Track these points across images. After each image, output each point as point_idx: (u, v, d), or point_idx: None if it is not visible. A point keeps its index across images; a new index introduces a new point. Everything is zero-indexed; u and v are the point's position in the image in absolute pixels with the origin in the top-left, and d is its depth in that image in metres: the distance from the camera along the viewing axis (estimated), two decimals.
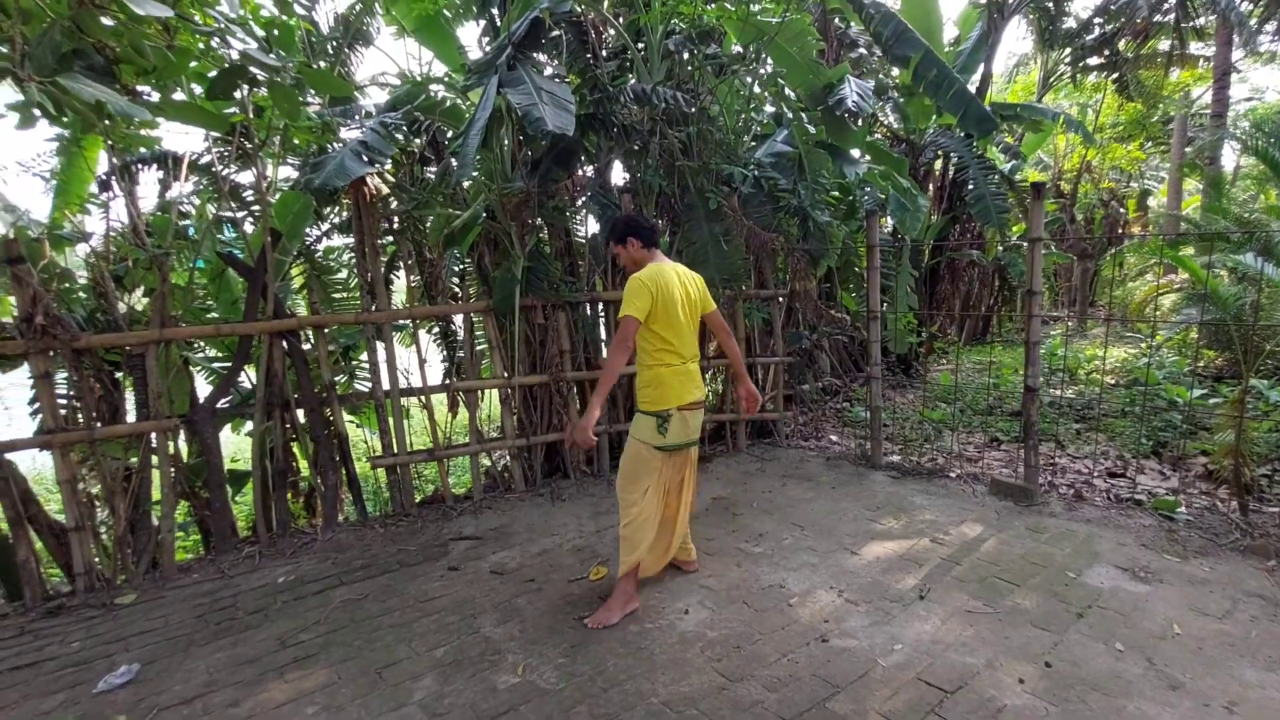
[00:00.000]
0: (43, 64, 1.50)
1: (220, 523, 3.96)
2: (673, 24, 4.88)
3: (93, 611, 3.28)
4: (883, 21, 6.06)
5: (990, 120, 6.08)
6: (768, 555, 3.49)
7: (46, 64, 1.51)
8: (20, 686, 2.64)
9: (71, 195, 4.98)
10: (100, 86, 1.62)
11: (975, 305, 10.74)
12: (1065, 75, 12.08)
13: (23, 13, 1.60)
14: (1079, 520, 3.73)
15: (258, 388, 4.12)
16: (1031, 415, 3.97)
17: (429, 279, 4.99)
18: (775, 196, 5.23)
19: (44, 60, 1.50)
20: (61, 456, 3.47)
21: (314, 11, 5.43)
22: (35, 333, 3.35)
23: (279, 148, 4.43)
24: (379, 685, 2.52)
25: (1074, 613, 2.79)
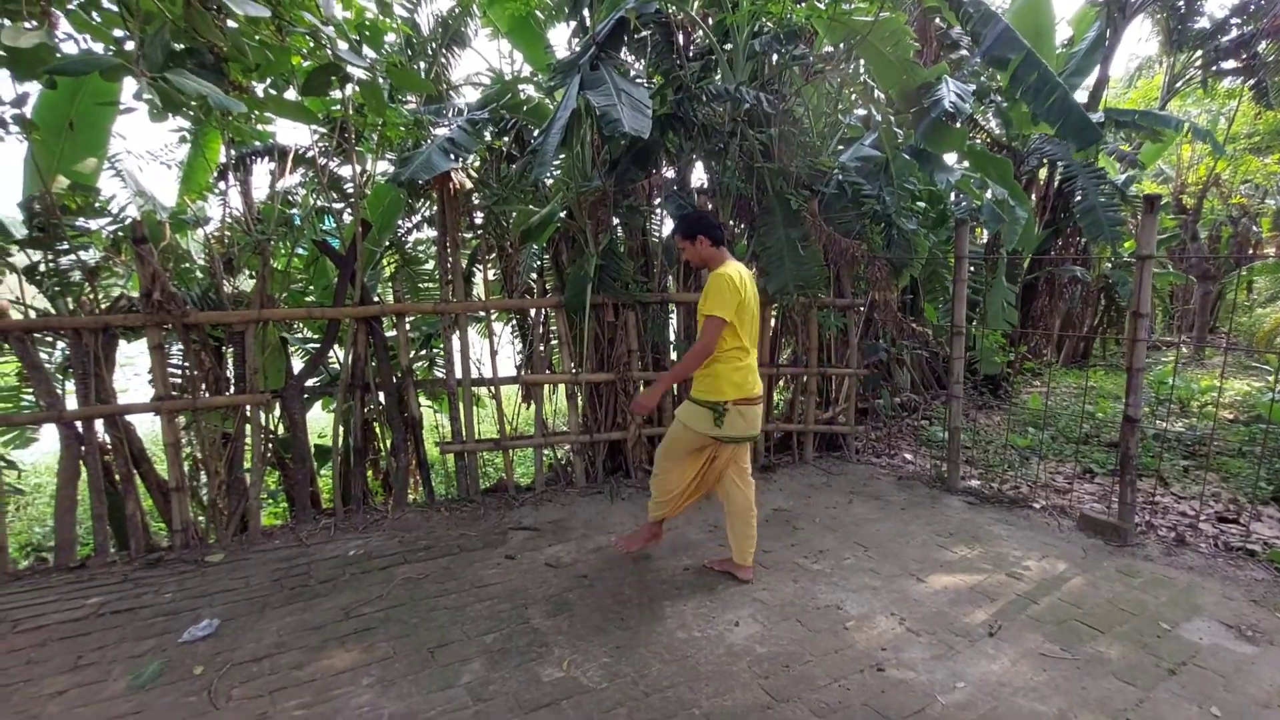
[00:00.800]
0: (154, 61, 1.64)
1: (302, 494, 4.21)
2: (760, 24, 4.80)
3: (185, 566, 3.56)
4: (981, 21, 5.71)
5: (1094, 130, 5.61)
6: (826, 574, 3.37)
7: (157, 61, 1.64)
8: (119, 629, 2.90)
9: (195, 183, 5.45)
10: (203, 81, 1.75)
11: (1076, 325, 10.01)
12: (1194, 80, 11.04)
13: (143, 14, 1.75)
14: (1179, 567, 3.40)
15: (343, 369, 4.35)
16: (1130, 447, 3.65)
17: (506, 273, 5.14)
18: (859, 202, 5.05)
19: (155, 58, 1.64)
20: (168, 421, 3.79)
21: (416, 14, 5.70)
22: (152, 308, 3.67)
23: (376, 143, 4.66)
24: (430, 664, 2.61)
25: (1165, 668, 2.54)
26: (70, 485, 3.64)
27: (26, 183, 4.47)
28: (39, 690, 2.45)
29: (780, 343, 5.48)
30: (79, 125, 4.36)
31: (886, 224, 4.99)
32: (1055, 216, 8.48)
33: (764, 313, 4.99)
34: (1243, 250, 12.11)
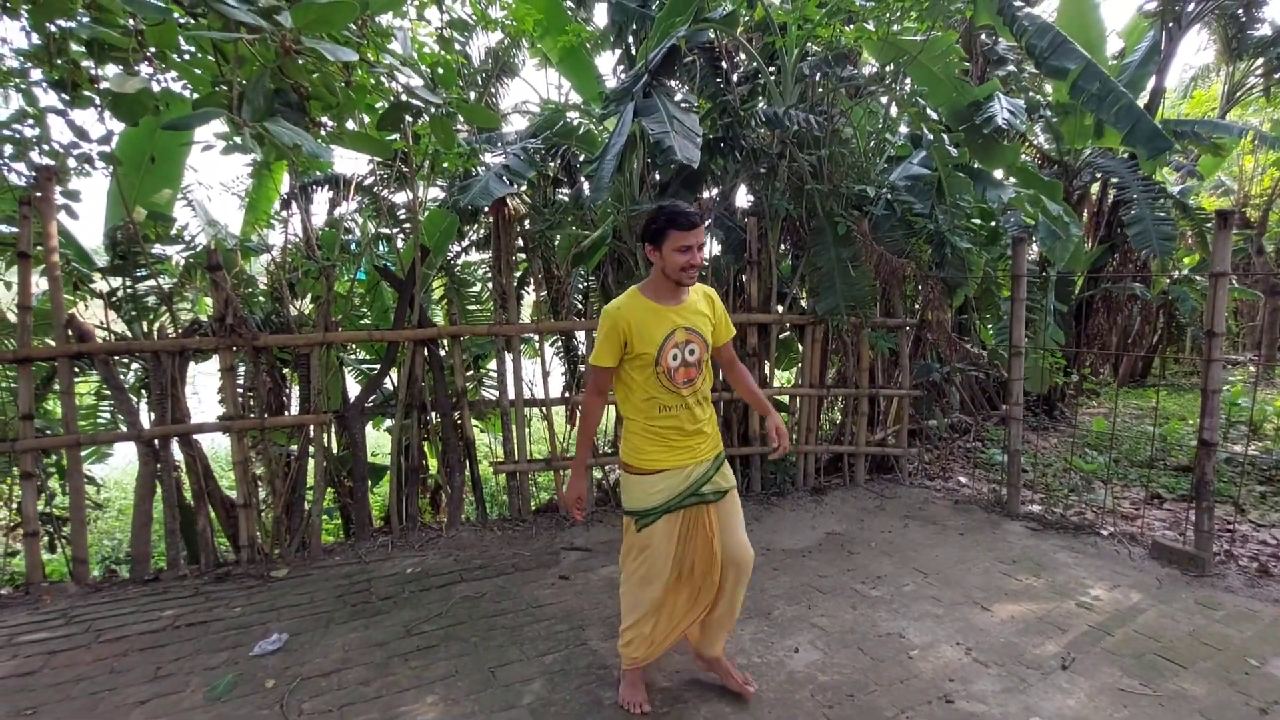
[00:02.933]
0: (257, 109, 1.75)
1: (361, 512, 4.32)
2: (808, 47, 4.83)
3: (252, 581, 3.67)
4: (1037, 33, 5.66)
5: (1163, 139, 5.48)
6: (886, 600, 3.30)
7: (260, 109, 1.75)
8: (193, 641, 3.01)
9: (260, 212, 5.71)
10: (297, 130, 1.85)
11: (1135, 343, 9.66)
12: (1255, 89, 10.66)
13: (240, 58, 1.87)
14: (1264, 599, 3.22)
15: (399, 390, 4.47)
16: (1207, 473, 3.50)
17: (555, 295, 5.22)
18: (909, 221, 5.00)
19: (257, 104, 1.74)
20: (237, 440, 3.94)
21: (468, 46, 5.91)
22: (225, 331, 3.85)
23: (429, 171, 4.83)
24: (492, 683, 2.63)
25: (1255, 708, 2.40)
26: (147, 501, 3.81)
27: (109, 214, 4.75)
28: (123, 699, 2.56)
29: (827, 362, 5.43)
30: (158, 159, 4.63)
31: (939, 243, 4.93)
32: (1110, 232, 8.24)
33: (814, 332, 4.96)
34: None
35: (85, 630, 3.10)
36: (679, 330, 2.23)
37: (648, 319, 2.21)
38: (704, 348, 2.30)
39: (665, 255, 2.18)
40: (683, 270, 2.18)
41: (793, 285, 5.22)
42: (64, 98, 2.81)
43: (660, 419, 2.26)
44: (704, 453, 2.33)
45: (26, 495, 3.57)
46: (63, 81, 2.70)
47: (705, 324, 2.31)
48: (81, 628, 3.13)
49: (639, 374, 2.24)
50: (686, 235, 2.14)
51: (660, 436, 2.27)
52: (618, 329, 2.20)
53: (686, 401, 2.27)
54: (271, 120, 1.87)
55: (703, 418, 2.33)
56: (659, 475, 2.27)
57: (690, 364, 2.26)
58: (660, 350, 2.20)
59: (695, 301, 2.32)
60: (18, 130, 3.23)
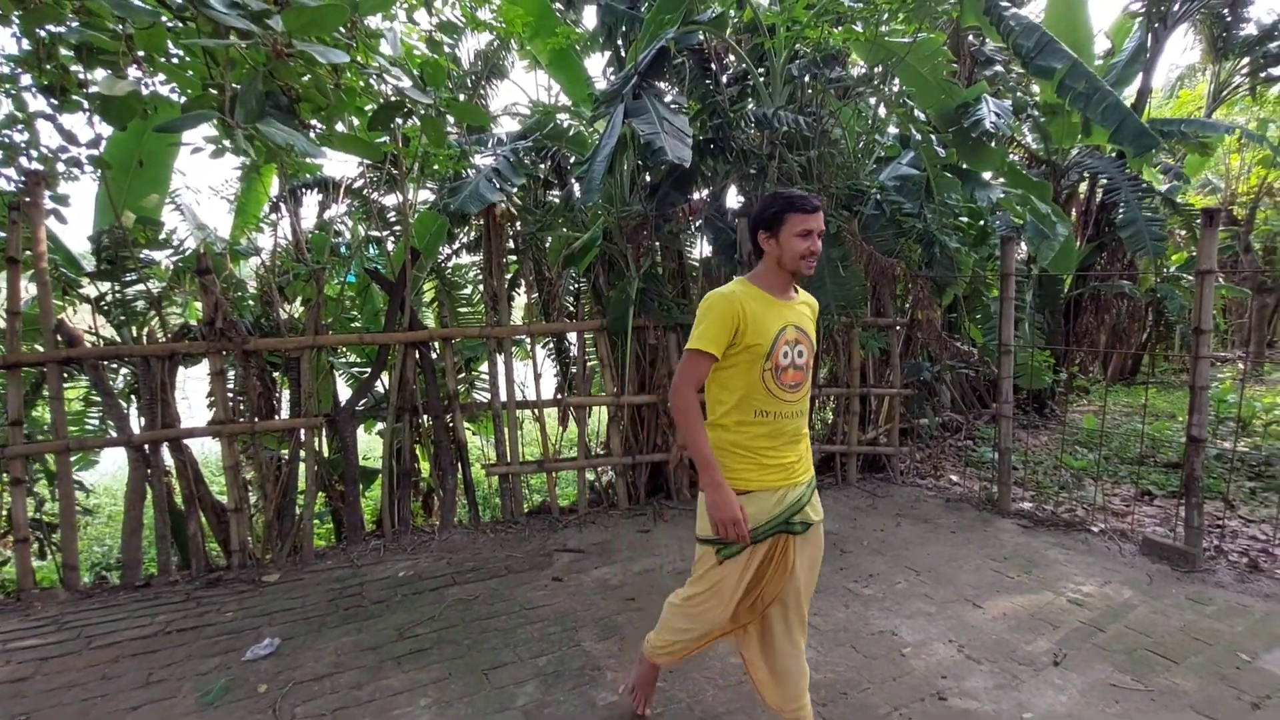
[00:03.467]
0: (249, 111, 1.74)
1: (352, 515, 4.30)
2: (796, 48, 4.85)
3: (244, 586, 3.65)
4: (1024, 33, 5.70)
5: (1150, 136, 5.53)
6: (878, 598, 3.31)
7: (253, 111, 1.74)
8: (185, 647, 2.99)
9: (248, 215, 5.69)
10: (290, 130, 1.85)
11: (1123, 341, 9.73)
12: (1241, 88, 10.78)
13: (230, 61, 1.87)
14: (1255, 594, 3.25)
15: (390, 393, 4.46)
16: (1196, 469, 3.53)
17: (547, 297, 5.22)
18: (898, 221, 5.03)
19: (250, 107, 1.74)
20: (228, 445, 3.92)
21: (457, 49, 5.91)
22: (215, 335, 3.83)
23: (419, 174, 4.82)
24: (485, 686, 2.62)
25: (1247, 702, 2.42)
26: (137, 506, 3.78)
27: (97, 218, 4.73)
28: (116, 705, 2.54)
29: (819, 362, 5.44)
30: (146, 163, 4.61)
31: (928, 242, 4.96)
32: (1099, 231, 8.31)
33: None
34: None
35: (76, 637, 3.08)
36: (790, 328, 1.97)
37: (762, 308, 1.94)
38: (811, 353, 2.04)
39: (783, 242, 1.95)
40: (803, 259, 1.94)
41: None
42: (53, 102, 2.80)
43: (754, 426, 1.96)
44: (799, 474, 2.03)
45: (16, 501, 3.54)
46: (52, 86, 2.69)
47: (812, 330, 2.08)
48: (73, 634, 3.10)
49: (741, 370, 1.95)
50: (808, 218, 1.93)
51: (750, 451, 1.96)
52: (733, 311, 1.91)
53: (790, 409, 1.99)
54: (263, 122, 1.86)
55: (802, 432, 2.05)
56: (746, 498, 1.95)
57: (800, 367, 1.99)
58: (774, 343, 1.93)
59: (801, 304, 2.07)
60: (7, 135, 3.21)
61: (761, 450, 1.97)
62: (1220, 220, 3.48)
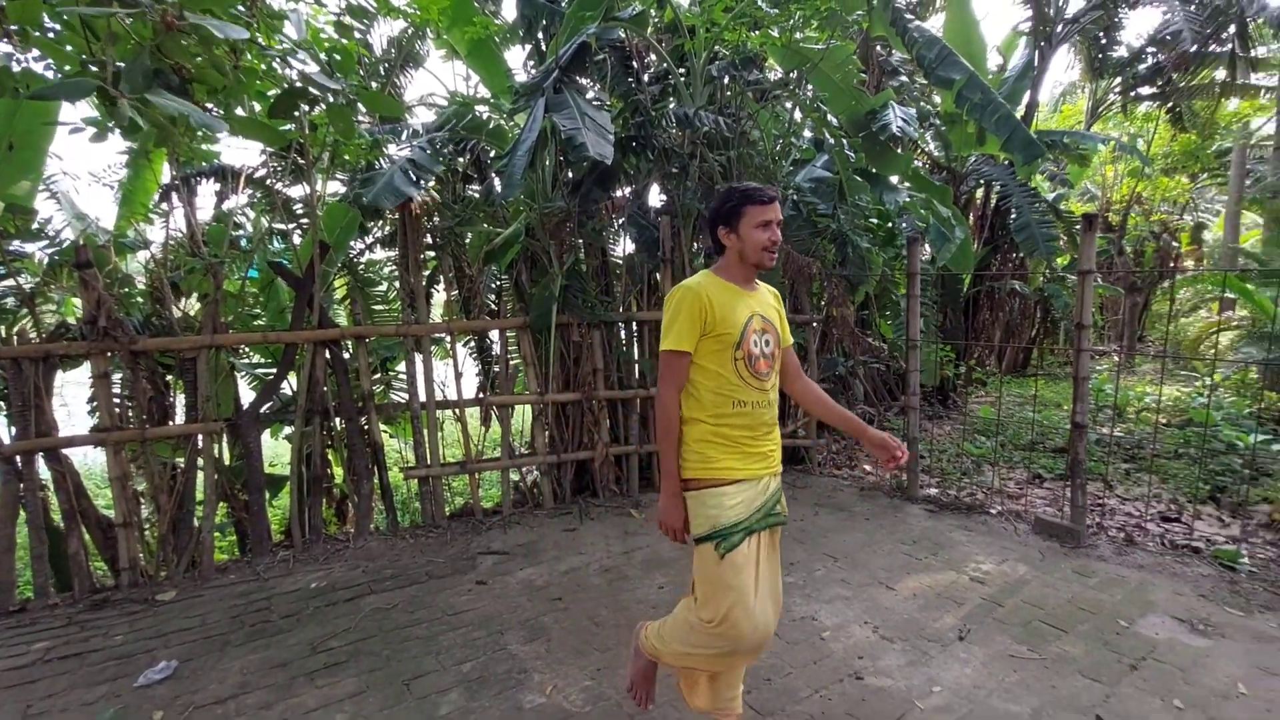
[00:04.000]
0: (135, 84, 1.59)
1: (257, 526, 4.04)
2: (716, 50, 4.94)
3: (135, 606, 3.37)
4: (926, 45, 6.04)
5: (1036, 146, 5.98)
6: (799, 586, 3.42)
7: (139, 84, 1.59)
8: (68, 675, 2.72)
9: (136, 205, 5.24)
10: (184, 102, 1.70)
11: (1016, 336, 10.49)
12: (1115, 105, 11.84)
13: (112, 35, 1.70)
14: (1130, 566, 3.57)
15: (299, 395, 4.22)
16: (1079, 453, 3.84)
17: (467, 294, 5.09)
18: (813, 221, 5.21)
19: (136, 80, 1.59)
20: (114, 454, 3.60)
21: (369, 34, 5.65)
22: (98, 334, 3.50)
23: (328, 163, 4.58)
24: (406, 697, 2.53)
25: (1127, 664, 2.66)
26: (8, 524, 3.41)
27: None
28: None
29: None
30: (16, 146, 4.16)
31: (841, 242, 5.16)
32: (994, 234, 8.92)
33: None
34: (1165, 264, 12.93)
35: None
36: (756, 317, 1.97)
37: (729, 298, 1.95)
38: (777, 342, 2.05)
39: (744, 235, 1.94)
40: (764, 250, 1.94)
41: None
42: None
43: (733, 417, 1.94)
44: (775, 463, 2.03)
45: None
46: None
47: (776, 319, 2.08)
48: None
49: (713, 360, 1.93)
50: (766, 209, 1.93)
51: (731, 441, 1.94)
52: (700, 303, 1.90)
53: (765, 399, 1.98)
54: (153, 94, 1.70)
55: (774, 423, 2.04)
56: (735, 487, 1.92)
57: (769, 356, 1.99)
58: (744, 331, 1.92)
59: (765, 294, 2.10)
60: None
61: (740, 439, 1.95)
62: (1098, 225, 3.80)
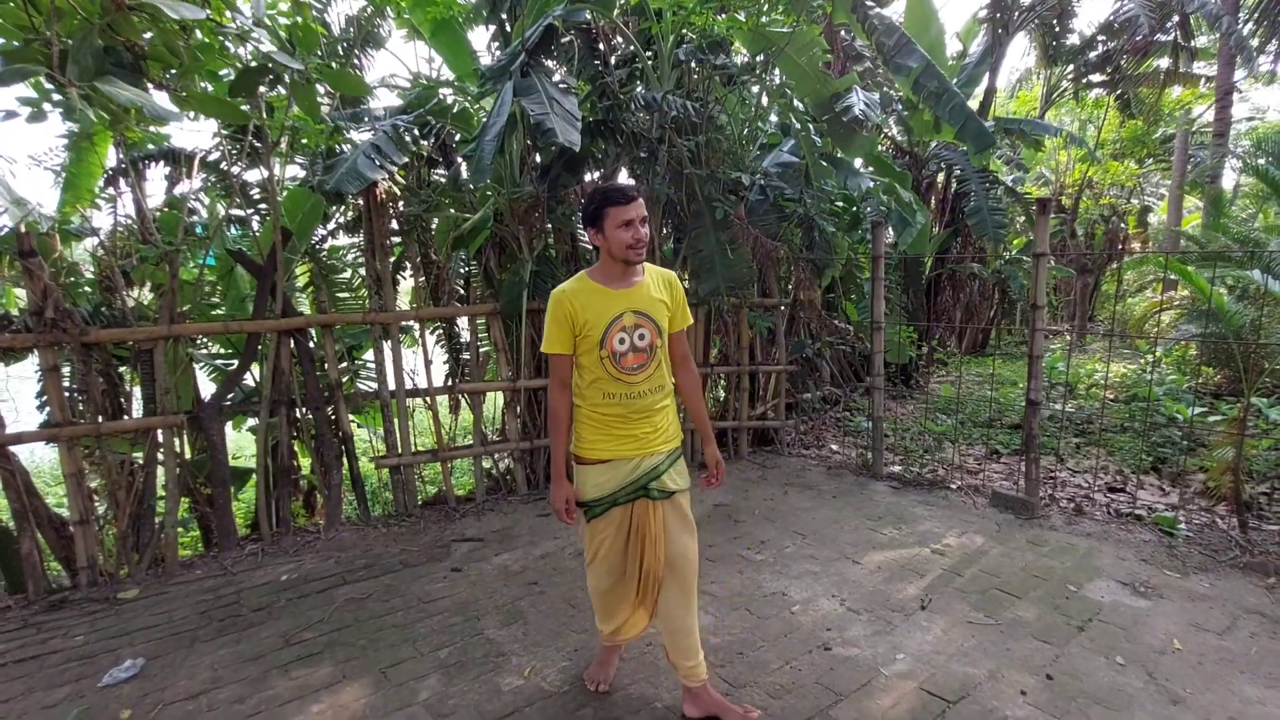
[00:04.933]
0: (85, 68, 1.52)
1: (223, 520, 3.96)
2: (683, 34, 4.93)
3: (95, 606, 3.28)
4: (885, 32, 6.12)
5: (988, 136, 6.13)
6: (770, 563, 3.50)
7: (89, 68, 1.53)
8: (25, 679, 2.64)
9: (80, 190, 4.99)
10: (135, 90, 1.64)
11: (975, 318, 10.80)
12: (1068, 91, 12.18)
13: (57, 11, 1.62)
14: (1079, 534, 3.76)
15: (263, 385, 4.13)
16: (1033, 429, 4.00)
17: (435, 281, 5.02)
18: (780, 206, 5.27)
19: (85, 63, 1.52)
20: (68, 450, 3.48)
21: (326, 13, 5.48)
22: (45, 326, 3.37)
23: (287, 147, 4.45)
24: (384, 685, 2.53)
25: (1075, 626, 2.81)
26: None
27: None
28: None
29: (710, 342, 5.63)
30: None
31: (808, 226, 5.24)
32: (954, 218, 9.13)
33: (697, 313, 5.13)
34: (1114, 246, 13.42)
35: None
36: (627, 314, 2.09)
37: (594, 301, 2.09)
38: (656, 334, 2.14)
39: (609, 235, 2.06)
40: (629, 248, 2.05)
41: (676, 268, 5.35)
42: None
43: (604, 406, 2.14)
44: (655, 445, 2.18)
45: None
46: None
47: (660, 309, 2.16)
48: None
49: (585, 358, 2.12)
50: (626, 209, 2.03)
51: (604, 425, 2.15)
52: (563, 311, 2.08)
53: (638, 389, 2.13)
54: (102, 80, 1.64)
55: (655, 407, 2.18)
56: (603, 466, 2.16)
57: (640, 349, 2.12)
58: (606, 332, 2.07)
59: (650, 285, 2.17)
60: None
61: (614, 425, 2.15)
62: (1051, 209, 3.94)
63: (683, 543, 2.25)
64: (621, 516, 2.21)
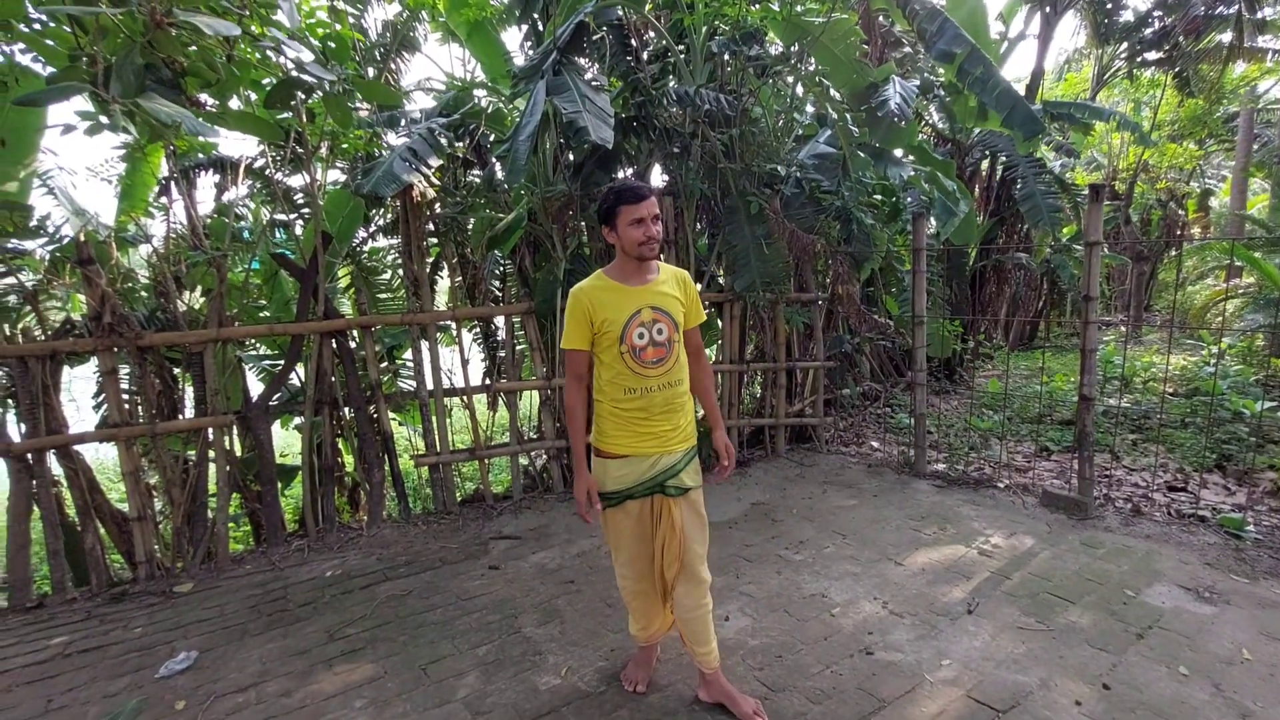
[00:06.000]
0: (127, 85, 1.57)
1: (271, 516, 4.08)
2: (715, 25, 4.86)
3: (153, 599, 3.42)
4: (927, 17, 5.92)
5: (1037, 122, 5.88)
6: (809, 563, 3.44)
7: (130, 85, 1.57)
8: (88, 669, 2.77)
9: (136, 199, 5.21)
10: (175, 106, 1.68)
11: (1022, 309, 10.43)
12: (1120, 72, 11.64)
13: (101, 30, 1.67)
14: (1137, 536, 3.59)
15: (307, 386, 4.23)
16: (1087, 426, 3.83)
17: (471, 281, 5.07)
18: (817, 198, 5.16)
19: (127, 80, 1.56)
20: (126, 449, 3.63)
21: (363, 19, 5.58)
22: (103, 331, 3.51)
23: (328, 153, 4.55)
24: (423, 681, 2.57)
25: (1133, 633, 2.68)
26: (22, 521, 3.45)
27: None
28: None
29: (746, 338, 5.56)
30: (9, 143, 4.13)
31: (846, 219, 5.12)
32: (999, 206, 8.82)
33: (732, 309, 5.07)
34: (1171, 232, 12.80)
35: None
36: (645, 309, 2.13)
37: (612, 298, 2.13)
38: (674, 329, 2.17)
39: (621, 233, 2.10)
40: (641, 245, 2.08)
41: (710, 264, 5.30)
42: None
43: (626, 401, 2.16)
44: (673, 443, 2.21)
45: None
46: None
47: (675, 305, 2.19)
48: None
49: (606, 354, 2.15)
50: (637, 208, 2.06)
51: (625, 421, 2.18)
52: (581, 307, 2.13)
53: (657, 384, 2.15)
54: (144, 97, 1.69)
55: (675, 402, 2.20)
56: (621, 460, 2.19)
57: (659, 344, 2.14)
58: (625, 328, 2.10)
59: (664, 282, 2.21)
60: None
61: (635, 420, 2.18)
62: (1104, 195, 3.76)
63: (694, 539, 2.29)
64: (640, 510, 2.27)
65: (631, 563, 2.33)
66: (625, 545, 2.32)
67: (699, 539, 2.30)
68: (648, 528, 2.29)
